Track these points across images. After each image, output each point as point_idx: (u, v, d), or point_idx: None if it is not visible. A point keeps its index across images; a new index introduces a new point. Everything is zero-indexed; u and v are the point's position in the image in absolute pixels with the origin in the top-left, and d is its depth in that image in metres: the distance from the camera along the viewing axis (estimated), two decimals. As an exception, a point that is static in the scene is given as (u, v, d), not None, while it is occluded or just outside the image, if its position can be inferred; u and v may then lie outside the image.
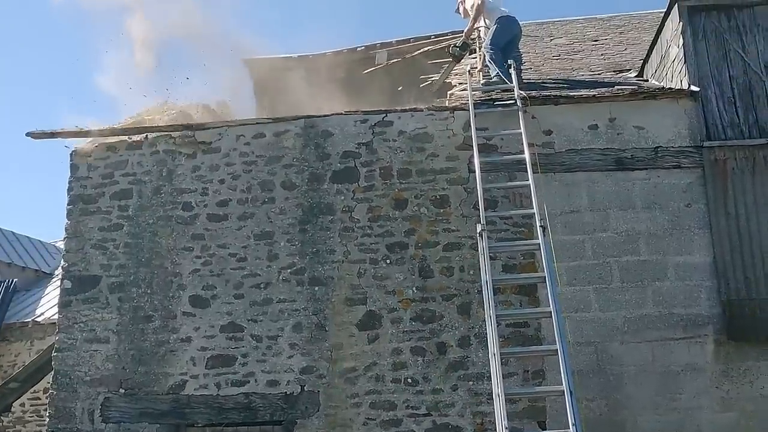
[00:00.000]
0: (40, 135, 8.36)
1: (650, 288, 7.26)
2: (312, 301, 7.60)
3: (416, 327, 7.40)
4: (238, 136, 8.16)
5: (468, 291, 7.41)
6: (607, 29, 11.56)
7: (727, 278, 7.19)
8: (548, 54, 10.57)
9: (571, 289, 7.29)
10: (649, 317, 7.19)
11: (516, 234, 7.50)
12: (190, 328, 7.70)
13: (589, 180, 7.60)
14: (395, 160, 7.90)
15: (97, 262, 8.01)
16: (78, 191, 8.24)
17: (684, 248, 7.33)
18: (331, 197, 7.86)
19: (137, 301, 7.84)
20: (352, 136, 8.01)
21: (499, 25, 8.81)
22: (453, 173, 7.79)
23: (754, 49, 7.86)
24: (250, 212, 7.91)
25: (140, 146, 8.28)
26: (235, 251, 7.83)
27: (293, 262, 7.72)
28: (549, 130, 7.79)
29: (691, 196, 7.46)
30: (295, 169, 7.99)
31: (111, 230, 8.07)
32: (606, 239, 7.43)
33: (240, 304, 7.69)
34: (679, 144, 7.61)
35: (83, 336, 7.83)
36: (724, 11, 7.98)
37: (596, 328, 7.21)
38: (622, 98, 7.83)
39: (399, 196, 7.79)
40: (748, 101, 7.72)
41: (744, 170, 7.43)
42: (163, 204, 8.06)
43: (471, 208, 7.58)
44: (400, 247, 7.63)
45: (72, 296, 7.96)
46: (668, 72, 8.24)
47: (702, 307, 7.18)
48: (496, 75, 8.46)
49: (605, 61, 9.91)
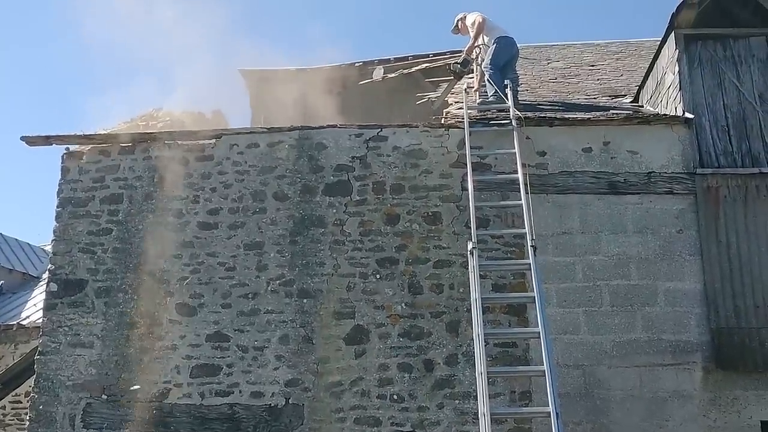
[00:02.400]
0: (35, 140, 8.29)
1: (640, 313, 7.25)
2: (300, 313, 7.54)
3: (404, 343, 7.36)
4: (232, 145, 8.13)
5: (457, 309, 7.38)
6: (604, 55, 11.64)
7: (717, 306, 7.19)
8: (545, 77, 10.62)
9: (561, 311, 7.27)
10: (637, 342, 7.17)
11: (507, 253, 7.48)
12: (175, 336, 7.63)
13: (582, 202, 7.61)
14: (389, 175, 7.88)
15: (84, 266, 7.93)
16: (68, 194, 8.18)
17: (674, 274, 7.33)
18: (322, 210, 7.83)
19: (123, 307, 7.77)
20: (346, 150, 8.00)
21: (498, 45, 8.85)
22: (446, 190, 7.79)
23: (749, 79, 7.92)
24: (240, 222, 7.87)
25: (133, 151, 8.24)
26: (224, 260, 7.78)
27: (282, 273, 7.67)
28: (543, 151, 7.81)
29: (683, 222, 7.47)
30: (288, 180, 7.96)
31: (100, 234, 8.00)
32: (597, 262, 7.42)
33: (227, 314, 7.63)
34: (672, 170, 7.63)
35: (67, 340, 7.74)
36: (719, 41, 8.05)
37: (585, 351, 7.18)
38: (616, 122, 7.86)
39: (391, 212, 7.77)
40: (742, 130, 7.76)
41: (736, 199, 7.46)
42: (153, 210, 8.01)
43: (463, 225, 7.57)
44: (390, 262, 7.60)
45: (57, 299, 7.88)
46: (663, 98, 8.28)
47: (691, 333, 7.17)
48: (494, 94, 8.48)
49: (601, 86, 9.95)
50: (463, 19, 9.51)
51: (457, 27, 9.64)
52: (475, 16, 9.21)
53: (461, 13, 9.58)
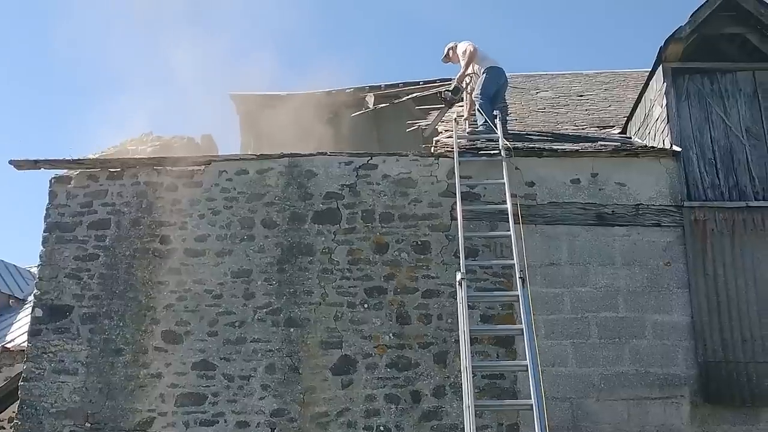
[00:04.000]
0: (24, 164, 8.24)
1: (627, 345, 7.25)
2: (287, 342, 7.49)
3: (391, 374, 7.32)
4: (221, 172, 8.11)
5: (445, 340, 7.35)
6: (593, 85, 11.73)
7: (705, 339, 7.20)
8: (534, 106, 10.68)
9: (549, 343, 7.25)
10: (625, 375, 7.16)
11: (495, 284, 7.48)
12: (161, 364, 7.55)
13: (570, 234, 7.63)
14: (378, 204, 7.88)
15: (70, 292, 7.86)
16: (55, 219, 8.12)
17: (662, 307, 7.34)
18: (311, 238, 7.81)
19: (108, 334, 7.69)
20: (335, 178, 8.00)
21: (488, 75, 8.92)
22: (435, 219, 7.79)
23: (736, 113, 8.00)
24: (228, 249, 7.83)
25: (121, 176, 8.21)
26: (211, 288, 7.73)
27: (270, 301, 7.63)
28: (532, 181, 7.84)
29: (671, 254, 7.50)
30: (277, 207, 7.95)
31: (86, 260, 7.94)
32: (585, 294, 7.43)
33: (213, 342, 7.56)
34: (660, 202, 7.67)
35: (51, 366, 7.64)
36: (707, 75, 8.13)
37: (573, 384, 7.16)
38: (604, 154, 7.91)
39: (380, 240, 7.76)
40: (729, 164, 7.82)
41: (723, 232, 7.50)
42: (140, 236, 7.97)
43: (452, 255, 7.56)
44: (378, 291, 7.58)
45: (42, 325, 7.79)
46: (651, 131, 8.35)
47: (679, 367, 7.17)
48: (483, 124, 8.53)
49: (590, 117, 10.02)
50: (453, 48, 9.58)
51: (447, 56, 9.71)
52: (466, 45, 9.29)
53: (451, 42, 9.66)
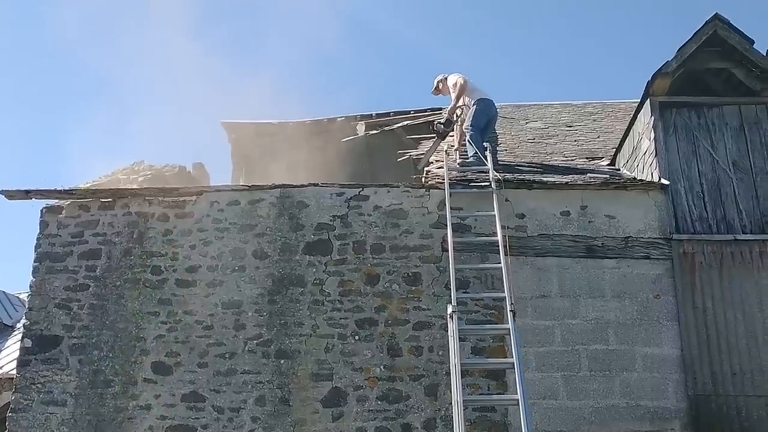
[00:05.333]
0: (15, 194, 8.23)
1: (618, 378, 7.27)
2: (277, 374, 7.47)
3: (382, 406, 7.30)
4: (212, 202, 8.13)
5: (436, 372, 7.35)
6: (582, 115, 11.86)
7: (695, 372, 7.23)
8: (523, 137, 10.78)
9: (540, 375, 7.27)
10: (616, 408, 7.17)
11: (486, 316, 7.50)
12: (150, 396, 7.51)
13: (560, 266, 7.67)
14: (369, 235, 7.91)
15: (59, 322, 7.83)
16: (46, 248, 8.10)
17: (652, 339, 7.37)
18: (302, 269, 7.82)
19: (98, 365, 7.65)
20: (327, 209, 8.03)
21: (478, 107, 9.00)
22: (426, 251, 7.82)
23: (723, 146, 8.10)
24: (219, 280, 7.83)
25: (112, 207, 8.21)
26: (201, 318, 7.71)
27: (260, 333, 7.61)
28: (522, 213, 7.89)
29: (660, 287, 7.55)
30: (268, 238, 7.96)
31: (76, 290, 7.92)
32: (575, 326, 7.45)
33: (203, 374, 7.53)
34: (649, 235, 7.74)
35: (40, 397, 7.59)
36: (694, 109, 8.25)
37: (564, 417, 7.16)
38: (594, 187, 7.98)
39: (371, 271, 7.77)
40: (716, 197, 7.90)
41: (712, 265, 7.56)
42: (131, 266, 7.95)
43: (443, 286, 7.58)
44: (369, 323, 7.58)
45: (31, 356, 7.75)
46: (639, 163, 8.44)
47: (669, 400, 7.18)
48: (474, 155, 8.60)
49: (578, 148, 10.12)
50: (443, 80, 9.68)
51: (437, 88, 9.80)
52: (456, 77, 9.38)
53: (441, 75, 9.75)
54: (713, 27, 8.17)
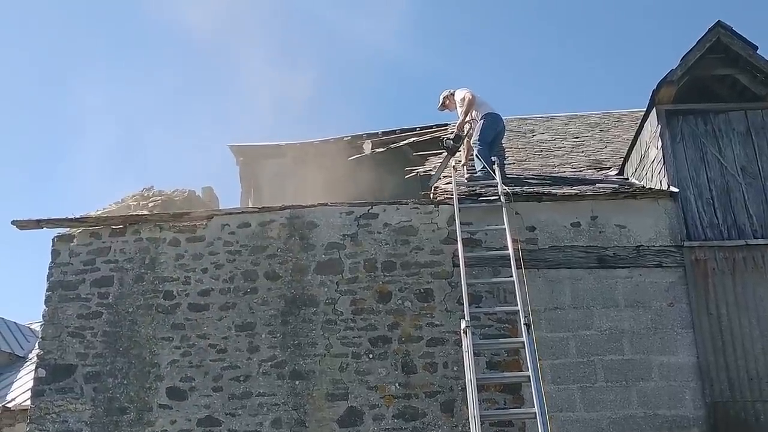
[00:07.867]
0: (26, 224, 8.27)
1: (634, 388, 7.22)
2: (292, 395, 7.45)
3: (398, 425, 7.26)
4: (223, 225, 8.16)
5: (451, 388, 7.31)
6: (588, 126, 11.87)
7: (711, 379, 7.18)
8: (531, 149, 10.79)
9: (556, 388, 7.22)
10: (634, 418, 7.11)
11: (500, 330, 7.47)
12: (166, 422, 7.50)
13: (573, 277, 7.65)
14: (380, 253, 7.91)
15: (73, 351, 7.84)
16: (58, 277, 8.14)
17: (667, 348, 7.33)
18: (314, 289, 7.82)
19: (113, 392, 7.65)
20: (337, 228, 8.04)
21: (485, 122, 9.02)
22: (437, 267, 7.81)
23: (730, 152, 8.09)
24: (231, 302, 7.83)
25: (124, 233, 8.25)
26: (215, 342, 7.71)
27: (274, 354, 7.61)
28: (532, 226, 7.88)
29: (674, 295, 7.51)
30: (279, 259, 7.97)
31: (89, 318, 7.94)
32: (590, 337, 7.42)
33: (218, 397, 7.52)
34: (660, 243, 7.71)
35: (55, 427, 7.59)
36: (700, 115, 8.25)
37: (581, 429, 7.11)
38: (603, 197, 7.97)
39: (383, 289, 7.77)
40: (726, 203, 7.88)
41: (724, 271, 7.53)
42: (144, 292, 7.98)
43: (455, 302, 7.57)
44: (383, 341, 7.56)
45: (45, 385, 7.76)
46: (648, 172, 8.43)
47: (687, 408, 7.12)
48: (482, 169, 8.61)
49: (586, 158, 10.12)
50: (449, 96, 9.70)
51: (443, 104, 9.83)
52: (464, 92, 9.37)
53: (446, 90, 9.77)
54: (716, 34, 8.19)
